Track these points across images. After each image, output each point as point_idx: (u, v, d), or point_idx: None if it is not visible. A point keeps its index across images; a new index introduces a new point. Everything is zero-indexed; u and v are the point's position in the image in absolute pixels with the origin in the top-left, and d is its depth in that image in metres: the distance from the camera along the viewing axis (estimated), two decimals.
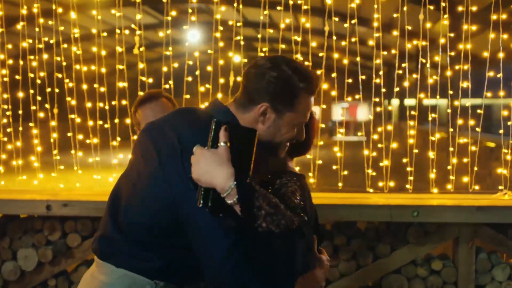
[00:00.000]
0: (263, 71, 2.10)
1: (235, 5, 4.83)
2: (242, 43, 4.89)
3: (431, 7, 4.66)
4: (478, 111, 4.64)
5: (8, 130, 5.27)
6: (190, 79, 4.82)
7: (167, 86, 4.80)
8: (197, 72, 4.80)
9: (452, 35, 4.61)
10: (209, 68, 4.87)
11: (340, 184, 4.98)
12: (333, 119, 27.26)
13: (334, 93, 4.83)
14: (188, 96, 4.70)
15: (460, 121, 4.76)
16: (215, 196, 1.88)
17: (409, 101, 5.89)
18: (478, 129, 4.68)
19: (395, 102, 19.93)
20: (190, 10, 5.02)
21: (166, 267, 2.12)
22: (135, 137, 2.50)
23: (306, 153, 2.44)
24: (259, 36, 4.88)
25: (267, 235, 1.89)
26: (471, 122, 4.75)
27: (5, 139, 5.33)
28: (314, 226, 2.36)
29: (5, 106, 5.28)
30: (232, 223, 1.91)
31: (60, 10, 5.15)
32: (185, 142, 2.02)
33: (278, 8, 4.88)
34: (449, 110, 4.80)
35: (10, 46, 5.25)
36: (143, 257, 2.11)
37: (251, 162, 1.96)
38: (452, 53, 4.58)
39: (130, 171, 2.26)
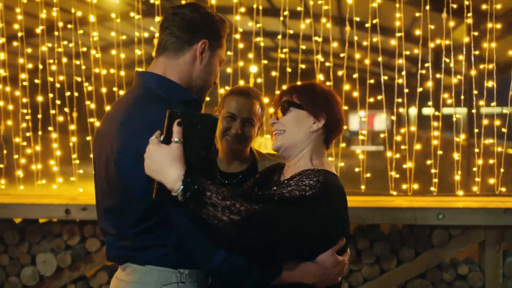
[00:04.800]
0: (189, 12, 2.19)
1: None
2: (262, 44, 4.85)
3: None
4: (497, 123, 4.61)
5: (28, 134, 5.26)
6: None
7: None
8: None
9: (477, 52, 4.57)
10: (229, 70, 4.83)
11: (363, 187, 4.89)
12: (350, 129, 27.07)
13: (356, 94, 4.77)
14: (208, 98, 4.67)
15: (485, 121, 4.66)
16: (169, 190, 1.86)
17: (428, 110, 5.78)
18: (504, 130, 4.59)
19: (413, 110, 19.72)
20: None
21: (180, 250, 2.07)
22: None
23: (340, 133, 2.39)
24: (279, 37, 4.84)
25: (233, 226, 1.86)
26: (497, 122, 4.67)
27: (25, 143, 5.33)
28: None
29: (24, 111, 5.28)
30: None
31: (79, 13, 5.15)
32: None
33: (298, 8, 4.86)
34: (474, 111, 4.72)
35: (29, 50, 5.25)
36: (154, 246, 2.08)
37: (209, 151, 1.93)
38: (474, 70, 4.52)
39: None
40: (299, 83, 2.43)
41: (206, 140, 1.91)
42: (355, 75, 4.75)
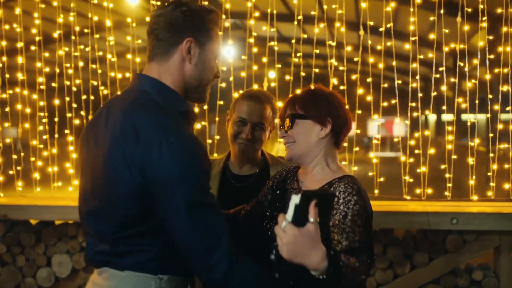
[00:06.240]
0: (170, 11, 2.11)
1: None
2: (276, 48, 4.86)
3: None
4: None
5: (44, 137, 5.33)
6: (223, 85, 4.83)
7: None
8: (231, 78, 4.80)
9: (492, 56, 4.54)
10: (243, 74, 4.85)
11: (376, 191, 4.87)
12: (369, 135, 26.92)
13: (369, 98, 4.76)
14: (221, 102, 4.70)
15: (500, 126, 4.63)
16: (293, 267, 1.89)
17: (447, 116, 5.74)
18: None
19: (432, 117, 19.55)
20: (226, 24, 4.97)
21: (162, 257, 2.04)
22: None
23: (349, 131, 2.43)
24: (293, 41, 4.85)
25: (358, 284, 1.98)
26: None
27: (41, 146, 5.39)
28: None
29: (42, 114, 5.35)
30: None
31: (95, 18, 5.21)
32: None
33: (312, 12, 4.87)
34: (488, 115, 4.68)
35: (47, 55, 5.32)
36: (136, 252, 2.04)
37: (327, 225, 2.02)
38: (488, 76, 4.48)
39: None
40: (299, 91, 2.46)
41: (326, 216, 1.98)
42: (369, 79, 4.74)
